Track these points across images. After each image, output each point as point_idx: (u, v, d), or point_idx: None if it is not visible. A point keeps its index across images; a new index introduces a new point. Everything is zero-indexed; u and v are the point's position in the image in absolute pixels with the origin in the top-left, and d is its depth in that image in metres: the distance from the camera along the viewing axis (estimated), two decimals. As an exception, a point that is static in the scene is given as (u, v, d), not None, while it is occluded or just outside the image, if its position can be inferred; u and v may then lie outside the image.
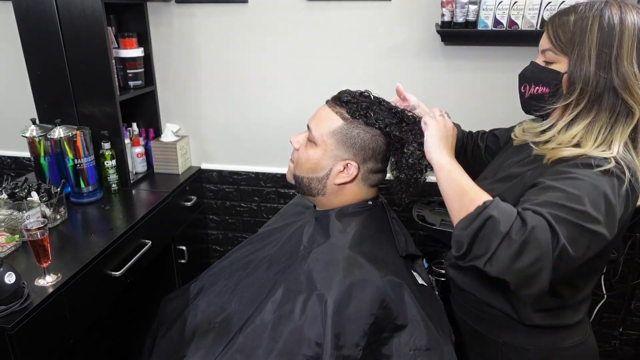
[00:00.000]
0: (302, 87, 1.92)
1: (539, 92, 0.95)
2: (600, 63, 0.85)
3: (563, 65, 0.91)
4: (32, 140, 1.62)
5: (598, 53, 0.85)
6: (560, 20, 0.91)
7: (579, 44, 0.87)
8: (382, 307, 0.96)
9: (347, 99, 1.08)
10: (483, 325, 1.09)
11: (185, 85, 2.01)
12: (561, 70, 0.91)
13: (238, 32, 1.88)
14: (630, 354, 2.05)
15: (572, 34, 0.88)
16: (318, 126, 1.09)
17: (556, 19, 0.92)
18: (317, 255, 1.05)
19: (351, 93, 1.10)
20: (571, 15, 0.89)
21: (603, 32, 0.85)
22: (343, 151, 1.07)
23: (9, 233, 1.36)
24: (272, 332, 0.97)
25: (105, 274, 1.40)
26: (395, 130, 1.07)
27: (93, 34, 1.63)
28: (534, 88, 0.96)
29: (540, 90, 0.95)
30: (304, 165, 1.12)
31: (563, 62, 0.91)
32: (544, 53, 0.94)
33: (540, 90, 0.95)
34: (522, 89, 1.00)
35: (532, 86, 0.96)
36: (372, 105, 1.08)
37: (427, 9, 1.70)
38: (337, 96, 1.11)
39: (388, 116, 1.08)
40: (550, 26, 0.93)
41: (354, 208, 1.12)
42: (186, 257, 1.96)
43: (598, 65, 0.85)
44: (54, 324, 1.20)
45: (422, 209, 1.84)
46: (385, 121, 1.07)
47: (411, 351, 0.94)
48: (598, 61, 0.85)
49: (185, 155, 2.07)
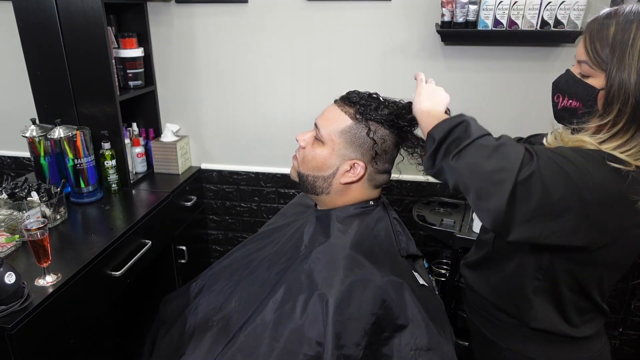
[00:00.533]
0: (302, 87, 1.92)
1: (572, 105, 0.90)
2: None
3: (599, 81, 0.84)
4: (32, 140, 1.61)
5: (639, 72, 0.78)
6: (600, 29, 0.83)
7: (618, 60, 0.80)
8: (383, 306, 0.96)
9: (356, 99, 1.09)
10: (490, 329, 1.09)
11: (185, 85, 2.01)
12: (597, 86, 0.84)
13: (238, 32, 1.88)
14: (630, 354, 2.05)
15: (611, 48, 0.81)
16: (326, 125, 1.09)
17: (595, 28, 0.84)
18: (318, 254, 1.05)
19: (360, 94, 1.11)
20: (611, 27, 0.82)
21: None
22: (351, 151, 1.07)
23: (9, 233, 1.36)
24: (272, 331, 0.97)
25: (105, 274, 1.40)
26: (407, 132, 1.09)
27: (93, 34, 1.63)
28: (567, 101, 0.90)
29: (573, 104, 0.89)
30: (310, 164, 1.12)
31: (599, 77, 0.84)
32: (580, 64, 0.88)
33: (573, 104, 0.89)
34: (555, 98, 0.94)
35: (566, 98, 0.91)
36: (381, 106, 1.08)
37: (427, 9, 1.70)
38: (345, 96, 1.12)
39: (398, 116, 1.08)
40: (588, 36, 0.85)
41: (355, 208, 1.13)
42: (186, 257, 1.96)
43: (638, 85, 0.78)
44: (54, 324, 1.20)
45: (422, 209, 1.84)
46: (396, 122, 1.07)
47: (412, 351, 0.94)
48: (638, 81, 0.78)
49: (185, 155, 2.07)
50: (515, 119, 1.80)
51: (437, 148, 0.87)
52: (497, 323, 1.06)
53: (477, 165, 0.79)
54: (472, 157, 0.81)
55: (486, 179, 0.78)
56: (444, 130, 0.86)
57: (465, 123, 0.85)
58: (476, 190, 0.80)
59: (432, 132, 0.89)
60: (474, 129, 0.85)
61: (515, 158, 0.77)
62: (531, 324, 0.99)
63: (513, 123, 1.80)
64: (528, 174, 0.76)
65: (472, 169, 0.80)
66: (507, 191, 0.76)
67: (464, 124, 0.85)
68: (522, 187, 0.76)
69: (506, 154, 0.78)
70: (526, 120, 1.78)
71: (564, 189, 0.77)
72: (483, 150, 0.80)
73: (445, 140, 0.86)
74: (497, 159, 0.78)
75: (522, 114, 1.78)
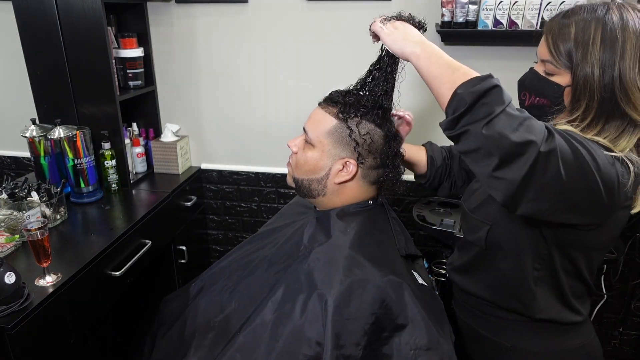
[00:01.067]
0: (302, 87, 1.92)
1: (540, 102, 0.93)
2: (604, 79, 0.83)
3: (564, 78, 0.88)
4: (32, 140, 1.62)
5: (601, 69, 0.82)
6: (560, 30, 0.87)
7: (581, 59, 0.84)
8: (382, 306, 0.96)
9: (337, 98, 1.09)
10: (489, 329, 1.09)
11: (185, 85, 2.01)
12: (562, 83, 0.88)
13: (238, 32, 1.88)
14: (630, 353, 2.05)
15: (573, 47, 0.85)
16: (313, 128, 1.10)
17: (555, 28, 0.88)
18: (318, 254, 1.05)
19: (341, 92, 1.12)
20: (571, 26, 0.86)
21: (606, 46, 0.82)
22: (340, 150, 1.08)
23: (9, 233, 1.36)
24: (272, 331, 0.97)
25: (105, 274, 1.40)
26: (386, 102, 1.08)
27: (93, 34, 1.63)
28: (534, 98, 0.94)
29: (541, 102, 0.92)
30: (303, 168, 1.12)
31: (564, 75, 0.88)
32: (544, 63, 0.91)
33: (541, 102, 0.92)
34: (521, 96, 0.97)
35: (533, 96, 0.94)
36: (359, 99, 1.08)
37: (427, 9, 1.70)
38: (328, 97, 1.13)
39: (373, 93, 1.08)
40: (550, 36, 0.89)
41: (354, 208, 1.13)
42: (186, 257, 1.96)
43: (601, 82, 0.83)
44: (54, 324, 1.20)
45: (422, 209, 1.84)
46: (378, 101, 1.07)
47: (412, 351, 0.94)
48: (602, 78, 0.83)
49: (185, 155, 2.07)
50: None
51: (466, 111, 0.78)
52: (498, 322, 1.06)
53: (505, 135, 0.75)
54: (502, 126, 0.76)
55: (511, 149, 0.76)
56: (477, 92, 0.77)
57: (499, 88, 0.78)
58: (499, 159, 0.77)
59: (462, 92, 0.79)
60: (505, 94, 0.79)
61: (538, 132, 0.76)
62: (536, 316, 1.00)
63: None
64: (548, 150, 0.75)
65: (501, 138, 0.76)
66: (528, 164, 0.75)
67: (497, 88, 0.78)
68: (542, 161, 0.75)
69: (532, 127, 0.76)
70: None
71: (577, 171, 0.78)
72: (513, 120, 0.76)
73: (476, 103, 0.78)
74: (523, 130, 0.75)
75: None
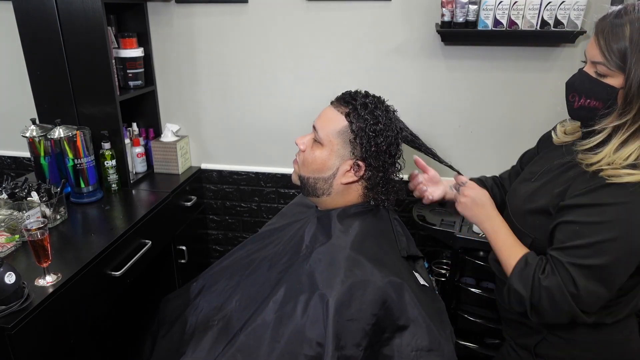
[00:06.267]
0: (302, 87, 1.92)
1: (590, 105, 0.90)
2: None
3: (618, 80, 0.85)
4: (32, 140, 1.61)
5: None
6: (614, 30, 0.84)
7: (637, 60, 0.81)
8: (383, 307, 0.96)
9: (351, 99, 1.09)
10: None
11: (185, 85, 2.01)
12: (616, 85, 0.85)
13: (238, 32, 1.88)
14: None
15: (628, 48, 0.82)
16: (324, 127, 1.10)
17: (608, 28, 0.85)
18: (319, 255, 1.05)
19: (355, 93, 1.12)
20: (626, 27, 0.83)
21: None
22: (349, 150, 1.08)
23: (9, 233, 1.36)
24: (273, 331, 0.97)
25: (106, 274, 1.40)
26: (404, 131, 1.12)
27: (93, 34, 1.63)
28: (584, 100, 0.91)
29: (592, 104, 0.89)
30: (310, 166, 1.12)
31: (618, 77, 0.85)
32: (596, 65, 0.88)
33: (592, 104, 0.89)
34: (570, 98, 0.94)
35: (583, 98, 0.91)
36: (378, 104, 1.09)
37: (427, 9, 1.70)
38: (341, 97, 1.13)
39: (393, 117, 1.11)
40: (601, 37, 0.86)
41: (356, 208, 1.13)
42: (186, 257, 1.96)
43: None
44: (54, 324, 1.20)
45: (422, 209, 1.84)
46: (392, 123, 1.09)
47: (413, 352, 0.94)
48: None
49: (185, 155, 2.07)
50: (515, 118, 1.80)
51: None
52: None
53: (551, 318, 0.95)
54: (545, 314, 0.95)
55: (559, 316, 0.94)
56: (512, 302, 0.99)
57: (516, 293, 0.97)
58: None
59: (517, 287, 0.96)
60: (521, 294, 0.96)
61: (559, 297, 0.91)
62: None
63: (513, 123, 1.80)
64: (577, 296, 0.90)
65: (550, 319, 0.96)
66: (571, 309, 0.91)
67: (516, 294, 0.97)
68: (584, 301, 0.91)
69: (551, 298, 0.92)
70: (526, 120, 1.78)
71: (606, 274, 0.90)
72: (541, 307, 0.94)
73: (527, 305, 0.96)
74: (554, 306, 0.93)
75: (522, 114, 1.78)
